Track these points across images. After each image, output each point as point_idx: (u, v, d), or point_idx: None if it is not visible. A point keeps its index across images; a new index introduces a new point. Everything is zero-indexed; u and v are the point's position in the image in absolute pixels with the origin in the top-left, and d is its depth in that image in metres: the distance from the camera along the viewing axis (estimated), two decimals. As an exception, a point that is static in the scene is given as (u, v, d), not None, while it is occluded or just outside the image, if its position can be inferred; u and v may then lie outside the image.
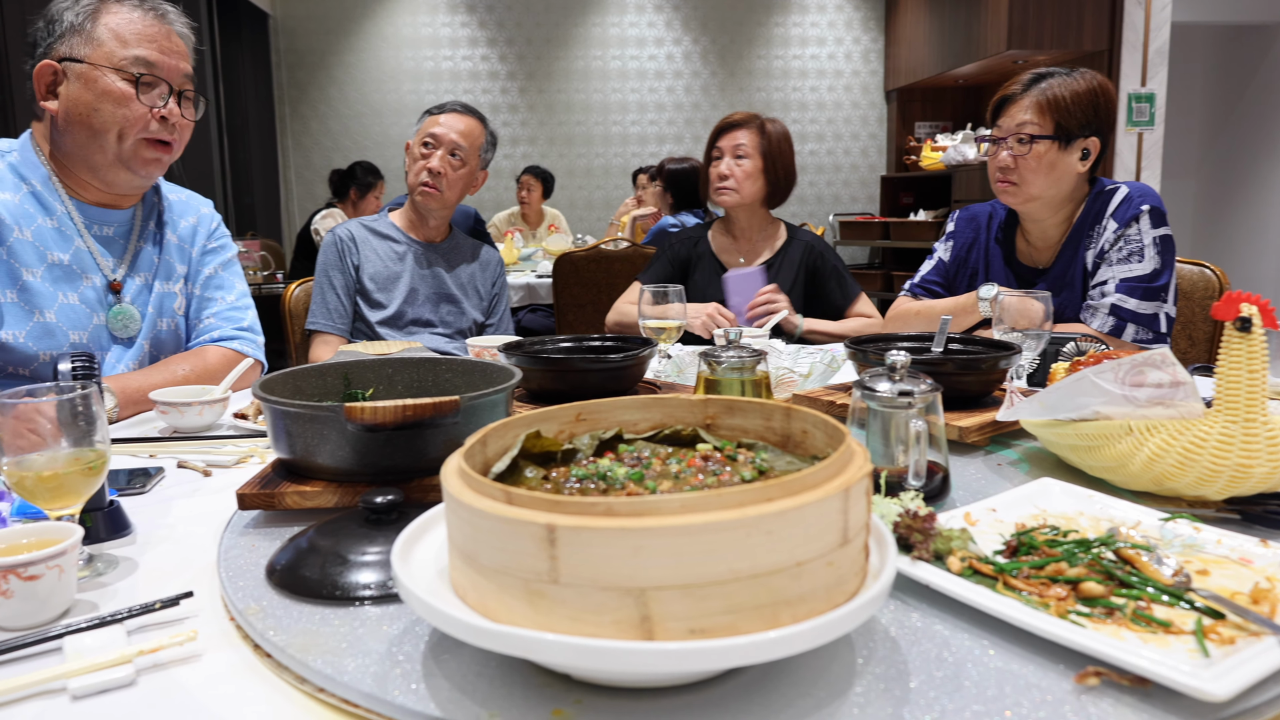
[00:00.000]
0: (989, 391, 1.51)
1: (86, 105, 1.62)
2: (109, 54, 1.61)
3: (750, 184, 2.70)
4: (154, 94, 1.65)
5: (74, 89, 1.63)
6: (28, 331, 1.60)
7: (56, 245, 1.65)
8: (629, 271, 4.34)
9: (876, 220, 7.81)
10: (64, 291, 1.65)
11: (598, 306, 4.37)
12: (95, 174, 1.68)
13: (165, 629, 0.85)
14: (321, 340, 2.58)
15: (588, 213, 8.55)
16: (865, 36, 8.46)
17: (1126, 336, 2.08)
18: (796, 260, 2.78)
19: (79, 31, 1.62)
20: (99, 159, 1.65)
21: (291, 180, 8.40)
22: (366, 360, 1.35)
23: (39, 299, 1.62)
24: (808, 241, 2.82)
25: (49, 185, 1.67)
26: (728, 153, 2.70)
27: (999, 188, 2.22)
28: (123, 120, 1.63)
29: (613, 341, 1.70)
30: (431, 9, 8.23)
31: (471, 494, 0.68)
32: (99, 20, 1.62)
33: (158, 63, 1.65)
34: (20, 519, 1.10)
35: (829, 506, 0.67)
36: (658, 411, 0.94)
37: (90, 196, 1.72)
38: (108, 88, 1.61)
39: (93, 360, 1.11)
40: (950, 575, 0.86)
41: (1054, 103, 2.12)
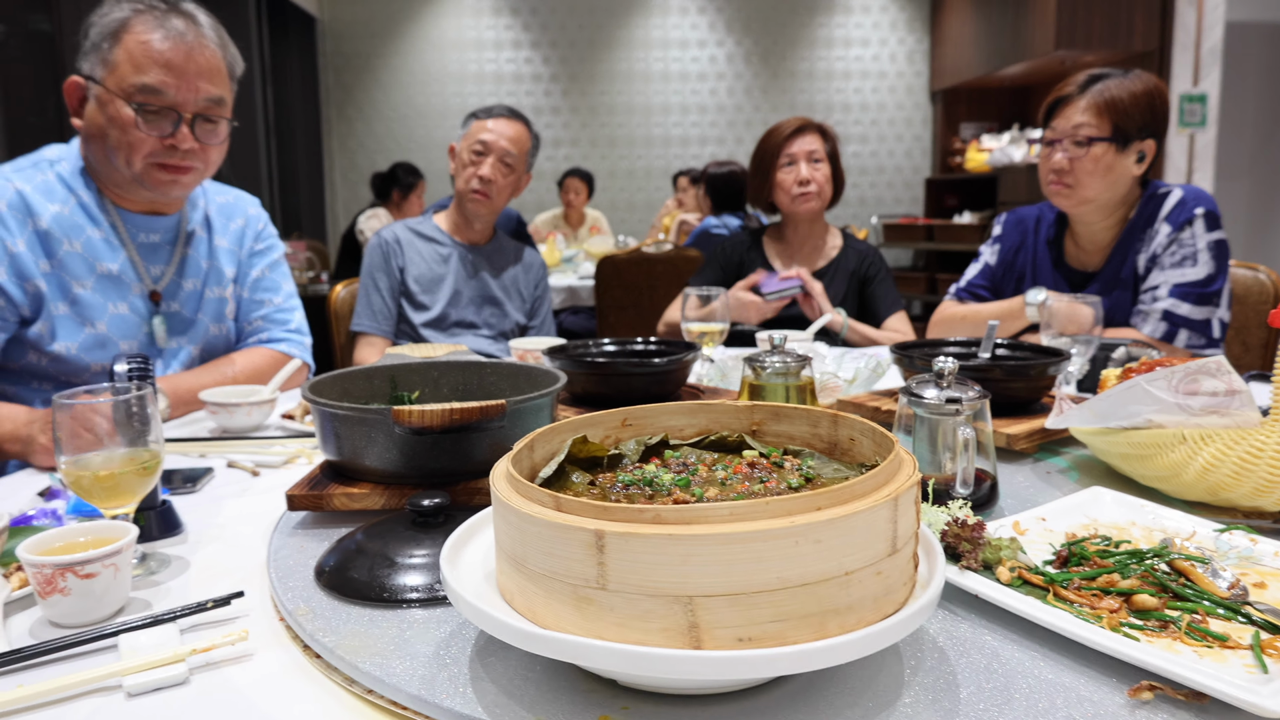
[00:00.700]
0: (1037, 398, 1.48)
1: (100, 128, 1.62)
2: (120, 79, 1.59)
3: (827, 188, 2.69)
4: (160, 123, 1.61)
5: (91, 109, 1.63)
6: (80, 343, 1.63)
7: (106, 255, 1.67)
8: (671, 274, 4.34)
9: (920, 223, 7.74)
10: (114, 302, 1.67)
11: (639, 309, 4.38)
12: (122, 189, 1.69)
13: (217, 628, 0.86)
14: (366, 341, 2.61)
15: (629, 214, 8.57)
16: (910, 37, 8.38)
17: (1179, 342, 2.04)
18: (850, 269, 2.76)
19: (99, 51, 1.60)
20: (118, 177, 1.66)
21: (336, 181, 8.51)
22: (413, 363, 1.36)
23: (90, 310, 1.64)
24: (862, 250, 2.80)
25: (97, 195, 1.69)
26: (802, 158, 2.66)
27: (1052, 190, 2.19)
28: (128, 147, 1.61)
29: (656, 345, 1.70)
30: (476, 12, 8.29)
31: (520, 499, 0.69)
32: (120, 40, 1.59)
33: (167, 89, 1.60)
34: (76, 517, 1.13)
35: (878, 515, 0.66)
36: (703, 417, 0.94)
37: (134, 205, 1.73)
38: (114, 114, 1.60)
39: (148, 362, 1.13)
40: (1000, 585, 0.84)
41: (1112, 104, 2.09)
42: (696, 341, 2.02)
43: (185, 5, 1.64)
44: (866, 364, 1.71)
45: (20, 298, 1.58)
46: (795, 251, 2.79)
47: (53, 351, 1.60)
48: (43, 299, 1.60)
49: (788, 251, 2.80)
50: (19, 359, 1.61)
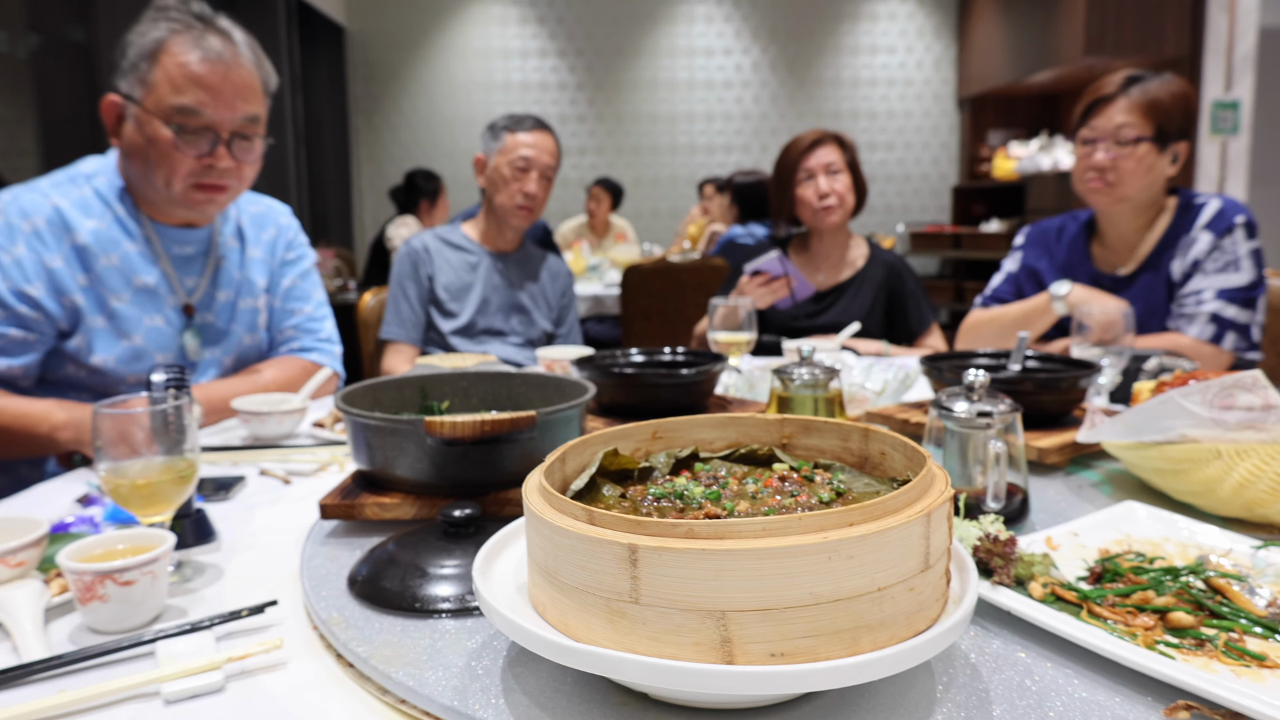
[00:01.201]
0: (1068, 411, 1.47)
1: (138, 148, 1.63)
2: (158, 100, 1.60)
3: (850, 199, 2.68)
4: (199, 143, 1.62)
5: (129, 128, 1.64)
6: (117, 355, 1.65)
7: (142, 269, 1.69)
8: (697, 282, 4.34)
9: (947, 231, 7.70)
10: (149, 314, 1.69)
11: (665, 317, 4.38)
12: (157, 207, 1.72)
13: (251, 636, 0.87)
14: (395, 349, 2.63)
15: (654, 222, 8.58)
16: (937, 44, 8.35)
17: (1226, 345, 2.05)
18: (878, 280, 2.74)
19: (137, 70, 1.61)
20: (155, 195, 1.68)
21: (364, 190, 8.58)
22: (443, 373, 1.37)
23: (127, 323, 1.66)
24: (890, 262, 2.78)
25: (132, 209, 1.71)
26: (820, 171, 2.64)
27: (1092, 187, 2.18)
28: (167, 168, 1.62)
29: (684, 356, 1.70)
30: (503, 21, 8.35)
31: (553, 512, 0.69)
32: (158, 60, 1.59)
33: (205, 110, 1.60)
34: (112, 524, 1.15)
35: (911, 531, 0.66)
36: (734, 430, 0.94)
37: (169, 218, 1.75)
38: (153, 135, 1.61)
39: (184, 372, 1.14)
40: (1032, 601, 0.84)
41: (1154, 105, 2.11)
42: (724, 352, 2.02)
43: (221, 22, 1.65)
44: (895, 375, 1.71)
45: (58, 312, 1.61)
46: (820, 263, 2.78)
47: (91, 364, 1.62)
48: (80, 313, 1.63)
49: (812, 263, 2.79)
50: (58, 370, 1.64)
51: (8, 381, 1.57)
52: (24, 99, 4.90)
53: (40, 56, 4.93)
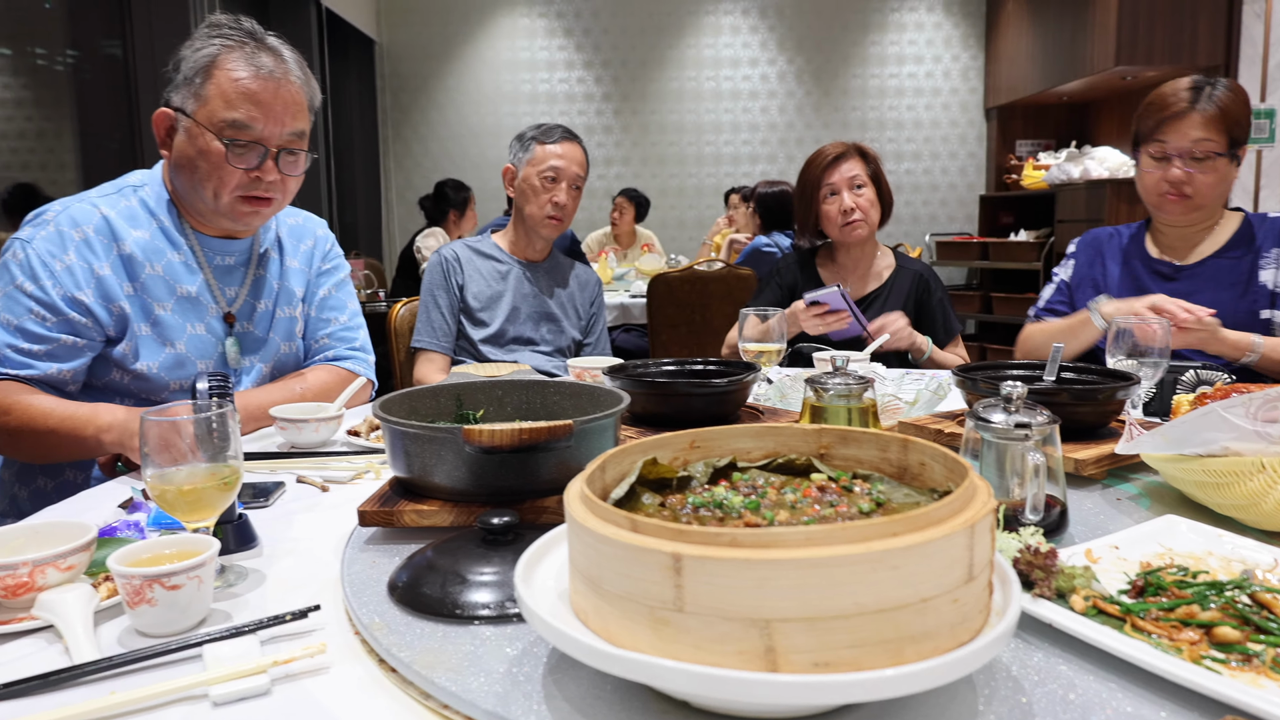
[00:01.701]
0: (1105, 423, 1.46)
1: (189, 159, 1.66)
2: (210, 114, 1.63)
3: (874, 213, 2.68)
4: (249, 156, 1.66)
5: (181, 140, 1.68)
6: (160, 362, 1.68)
7: (184, 278, 1.73)
8: (723, 292, 4.34)
9: (975, 240, 7.65)
10: (191, 323, 1.73)
11: (691, 326, 4.38)
12: (203, 217, 1.75)
13: (295, 640, 0.88)
14: (426, 358, 2.65)
15: (679, 232, 8.59)
16: (965, 54, 8.32)
17: None
18: (905, 290, 2.73)
19: (190, 85, 1.64)
20: (202, 207, 1.71)
21: (393, 201, 8.65)
22: (478, 382, 1.38)
23: (170, 331, 1.70)
24: (917, 271, 2.77)
25: (176, 220, 1.74)
26: (844, 186, 2.64)
27: (1169, 201, 2.18)
28: (216, 180, 1.66)
29: (715, 365, 1.71)
30: (530, 33, 8.40)
31: (596, 520, 0.70)
32: (211, 75, 1.63)
33: (255, 124, 1.64)
34: (156, 530, 1.16)
35: (954, 542, 0.66)
36: (771, 440, 0.94)
37: (211, 229, 1.78)
38: (204, 147, 1.64)
39: (227, 379, 1.16)
40: (1074, 615, 0.84)
41: (1225, 116, 2.12)
42: (755, 361, 2.02)
43: (271, 40, 1.69)
44: (928, 386, 1.70)
45: (106, 319, 1.64)
46: (847, 274, 2.78)
47: (135, 370, 1.65)
48: (127, 320, 1.66)
49: (839, 275, 2.79)
50: (103, 376, 1.67)
51: (56, 385, 1.61)
52: (62, 112, 4.99)
53: (78, 71, 5.02)
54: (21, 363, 1.58)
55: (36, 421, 1.53)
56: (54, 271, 1.60)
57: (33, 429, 1.53)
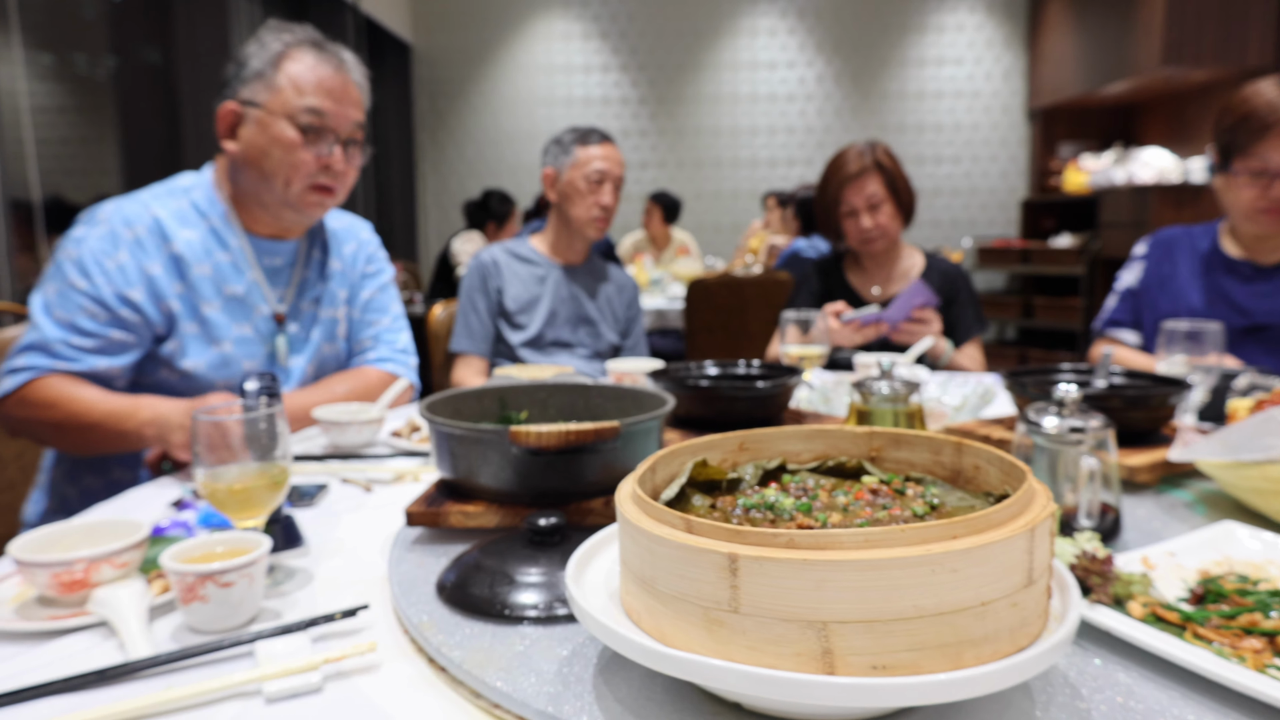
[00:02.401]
0: (1157, 428, 1.44)
1: (259, 149, 1.71)
2: (285, 102, 1.70)
3: (893, 226, 2.64)
4: (321, 143, 1.73)
5: (250, 132, 1.72)
6: (207, 361, 1.71)
7: (231, 278, 1.76)
8: (761, 296, 4.32)
9: (1015, 245, 7.57)
10: (238, 323, 1.76)
11: (729, 331, 4.37)
12: (266, 210, 1.78)
13: (344, 638, 0.89)
14: (464, 361, 2.66)
15: (716, 236, 8.57)
16: (1007, 55, 8.24)
17: None
18: (935, 289, 2.70)
19: (262, 77, 1.71)
20: (268, 198, 1.75)
21: (429, 204, 8.71)
22: (521, 384, 1.38)
23: (217, 330, 1.73)
24: (944, 269, 2.74)
25: (225, 221, 1.77)
26: (861, 207, 2.61)
27: (1265, 216, 2.12)
28: (290, 167, 1.71)
29: (759, 369, 1.70)
30: (566, 37, 8.43)
31: (650, 521, 0.69)
32: (281, 67, 1.71)
33: (329, 112, 1.72)
34: (205, 528, 1.17)
35: (1014, 546, 0.65)
36: (821, 442, 0.93)
37: (261, 230, 1.82)
38: (279, 134, 1.70)
39: (275, 380, 1.17)
40: (1133, 621, 0.82)
41: None
42: (796, 365, 2.01)
43: (331, 44, 1.77)
44: (974, 390, 1.68)
45: (156, 317, 1.67)
46: (875, 275, 2.76)
47: (182, 368, 1.68)
48: (175, 318, 1.69)
49: (866, 277, 2.77)
50: (152, 374, 1.70)
51: (104, 381, 1.64)
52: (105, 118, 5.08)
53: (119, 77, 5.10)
54: (72, 356, 1.61)
55: (81, 415, 1.56)
56: (106, 269, 1.64)
57: (77, 423, 1.56)
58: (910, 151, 8.35)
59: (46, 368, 1.59)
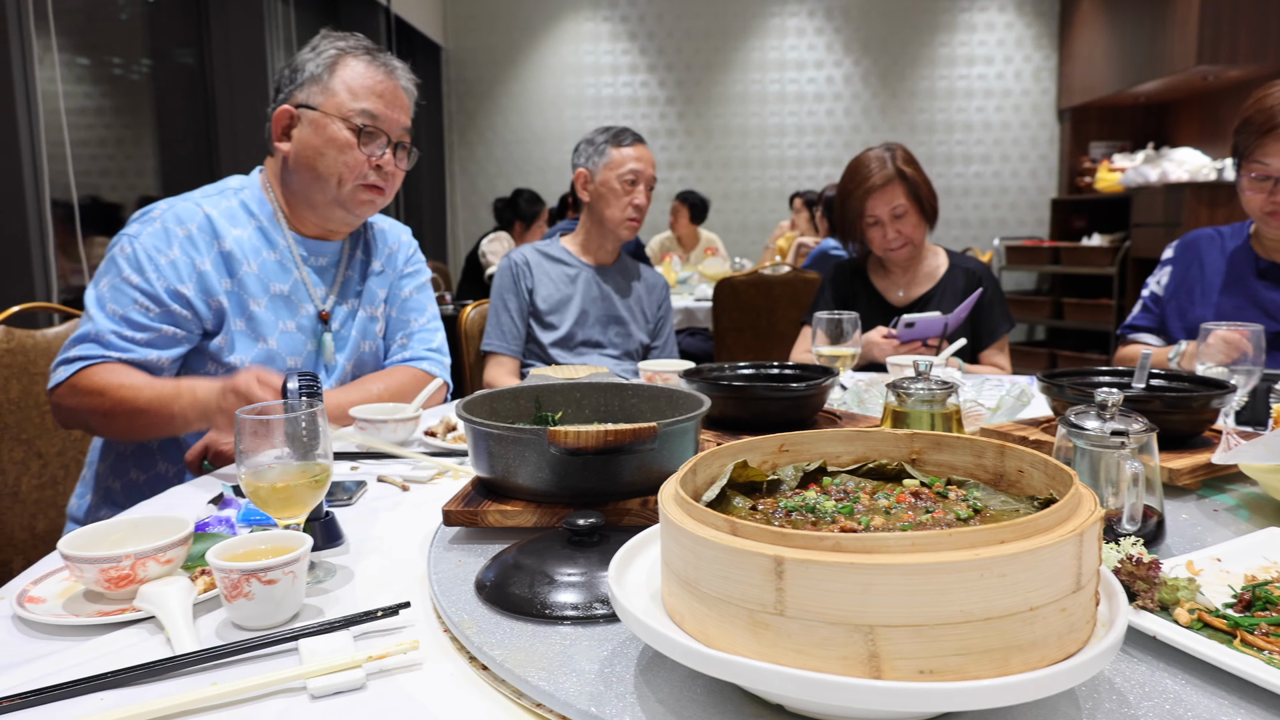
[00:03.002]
0: (1198, 432, 1.42)
1: (314, 149, 1.75)
2: (340, 104, 1.74)
3: (918, 232, 2.62)
4: (374, 144, 1.77)
5: (305, 133, 1.77)
6: (252, 357, 1.74)
7: (278, 277, 1.79)
8: (789, 296, 4.31)
9: (1046, 245, 7.50)
10: (284, 320, 1.79)
11: (757, 331, 4.36)
12: (315, 211, 1.82)
13: (386, 636, 0.89)
14: (496, 361, 2.67)
15: (743, 236, 8.56)
16: (1037, 54, 8.17)
17: None
18: (960, 289, 2.67)
19: (317, 81, 1.76)
20: (319, 198, 1.79)
21: (457, 205, 8.76)
22: (556, 384, 1.39)
23: (263, 327, 1.76)
24: (970, 269, 2.71)
25: (274, 221, 1.81)
26: (885, 218, 2.58)
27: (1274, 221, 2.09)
28: (343, 167, 1.75)
29: (792, 370, 1.69)
30: (595, 38, 8.45)
31: (694, 523, 0.69)
32: (336, 72, 1.76)
33: (381, 115, 1.77)
34: (246, 525, 1.19)
35: (1063, 551, 0.64)
36: (861, 445, 0.93)
37: (308, 230, 1.85)
38: (334, 135, 1.74)
39: (317, 379, 1.18)
40: (1180, 628, 0.81)
41: None
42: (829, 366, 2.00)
43: (384, 53, 1.83)
44: (1010, 391, 1.67)
45: (205, 312, 1.71)
46: (898, 279, 2.73)
47: (229, 363, 1.71)
48: (224, 314, 1.72)
49: (890, 279, 2.74)
50: (198, 369, 1.73)
51: (154, 370, 1.67)
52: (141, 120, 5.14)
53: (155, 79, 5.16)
54: (123, 348, 1.64)
55: (129, 400, 1.58)
56: (159, 265, 1.67)
57: (126, 408, 1.59)
58: (939, 151, 8.30)
59: (98, 356, 1.62)
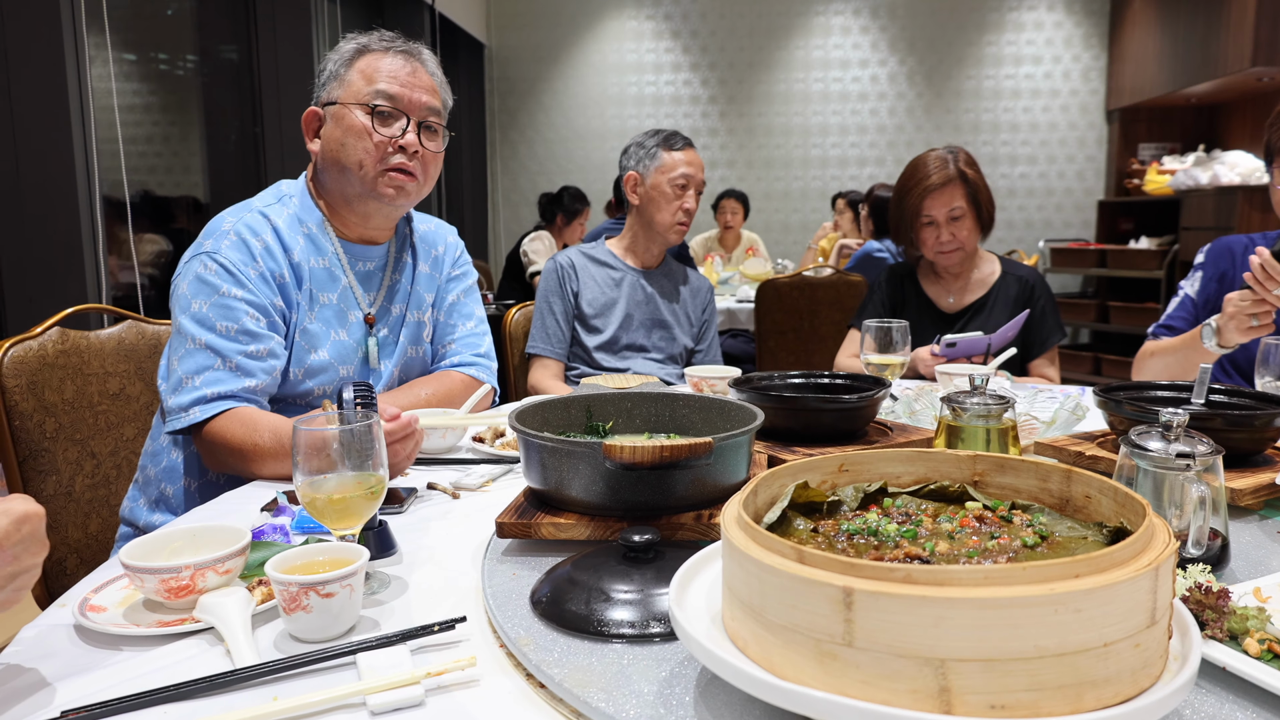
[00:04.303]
0: (1261, 449, 1.39)
1: (336, 141, 1.74)
2: (356, 92, 1.73)
3: (972, 239, 2.58)
4: (393, 125, 1.73)
5: (329, 129, 1.76)
6: (306, 368, 1.73)
7: (327, 286, 1.77)
8: (833, 298, 4.28)
9: (1092, 247, 7.38)
10: (335, 329, 1.77)
11: (800, 333, 4.33)
12: (351, 207, 1.79)
13: (442, 650, 0.90)
14: (540, 364, 2.68)
15: (784, 235, 8.52)
16: (1086, 54, 8.04)
17: None
18: (1012, 297, 2.63)
19: (337, 77, 1.75)
20: (351, 191, 1.76)
21: (499, 203, 8.80)
22: (607, 394, 1.39)
23: (315, 338, 1.74)
24: (1023, 277, 2.67)
25: (322, 227, 1.79)
26: (941, 220, 2.55)
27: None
28: (363, 152, 1.72)
29: (843, 380, 1.68)
30: (637, 36, 8.44)
31: (759, 549, 0.69)
32: (354, 64, 1.75)
33: (397, 95, 1.73)
34: (300, 532, 1.20)
35: (1139, 585, 0.63)
36: (922, 465, 0.92)
37: (352, 234, 1.83)
38: (352, 123, 1.72)
39: (371, 390, 1.19)
40: (1250, 659, 0.79)
41: None
42: (878, 375, 1.98)
43: (406, 41, 1.80)
44: (1065, 404, 1.64)
45: (284, 324, 1.70)
46: (949, 286, 2.69)
47: (286, 374, 1.70)
48: (293, 326, 1.72)
49: (941, 286, 2.71)
50: None
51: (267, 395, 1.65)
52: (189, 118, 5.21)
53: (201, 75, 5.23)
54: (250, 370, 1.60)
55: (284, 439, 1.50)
56: (250, 278, 1.64)
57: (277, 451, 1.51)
58: (984, 152, 8.20)
59: (236, 392, 1.57)
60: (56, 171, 3.62)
